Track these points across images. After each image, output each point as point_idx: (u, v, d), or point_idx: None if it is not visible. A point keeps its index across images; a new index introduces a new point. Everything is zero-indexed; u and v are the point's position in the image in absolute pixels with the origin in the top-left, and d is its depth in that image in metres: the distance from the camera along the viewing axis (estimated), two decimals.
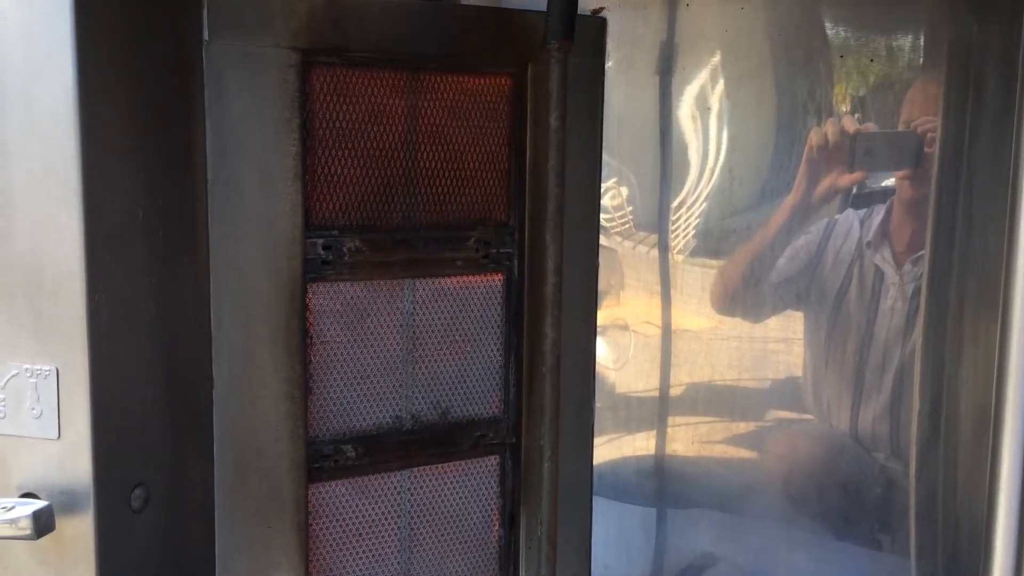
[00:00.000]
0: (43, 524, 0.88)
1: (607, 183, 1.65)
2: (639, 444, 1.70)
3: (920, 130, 1.47)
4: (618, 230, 1.69)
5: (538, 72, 1.15)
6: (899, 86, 1.49)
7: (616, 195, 1.68)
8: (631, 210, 1.68)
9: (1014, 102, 1.21)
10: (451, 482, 1.19)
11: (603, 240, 1.40)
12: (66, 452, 0.90)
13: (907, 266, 1.51)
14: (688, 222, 1.63)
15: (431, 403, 1.16)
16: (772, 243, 1.58)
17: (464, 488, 1.20)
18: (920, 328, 1.50)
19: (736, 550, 1.65)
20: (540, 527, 1.17)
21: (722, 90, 1.58)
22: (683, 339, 1.66)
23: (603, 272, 1.33)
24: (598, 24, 1.23)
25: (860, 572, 1.58)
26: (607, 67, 1.27)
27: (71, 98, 0.86)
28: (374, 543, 1.15)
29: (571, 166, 1.14)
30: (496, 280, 1.19)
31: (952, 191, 1.45)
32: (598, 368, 1.32)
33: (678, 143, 1.62)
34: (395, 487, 1.16)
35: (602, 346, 1.66)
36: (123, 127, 0.92)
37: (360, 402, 1.12)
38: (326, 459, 1.10)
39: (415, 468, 1.16)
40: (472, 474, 1.20)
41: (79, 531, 0.91)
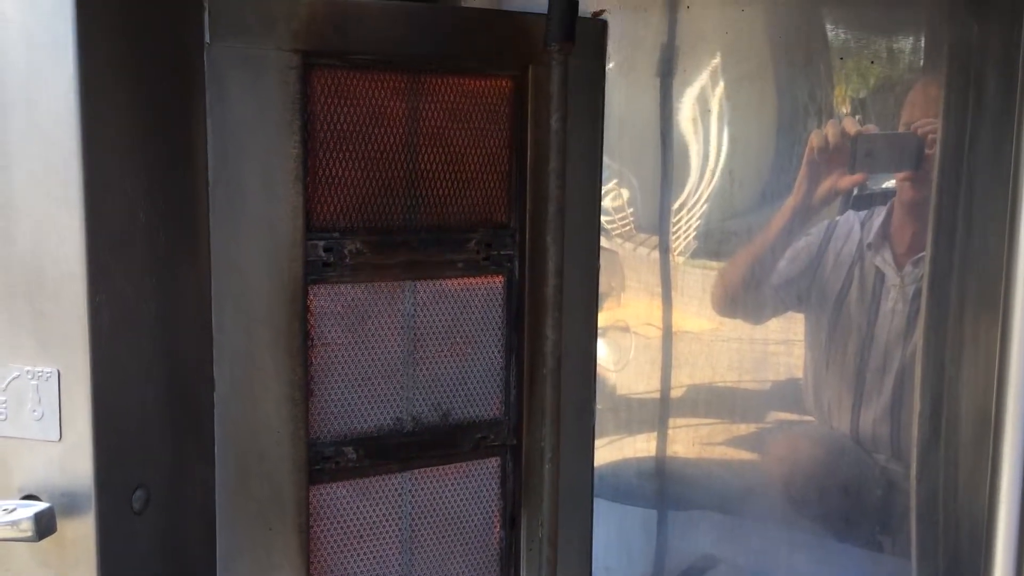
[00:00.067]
0: (44, 526, 0.88)
1: (608, 185, 1.65)
2: (640, 446, 1.70)
3: (920, 132, 1.47)
4: (619, 232, 1.69)
5: (539, 74, 1.15)
6: (899, 88, 1.49)
7: (617, 197, 1.68)
8: (632, 212, 1.68)
9: (1014, 103, 1.21)
10: (452, 484, 1.19)
11: (604, 242, 1.40)
12: (67, 454, 0.90)
13: (908, 268, 1.51)
14: (689, 224, 1.63)
15: (432, 405, 1.16)
16: (773, 245, 1.58)
17: (465, 490, 1.20)
18: (921, 330, 1.50)
19: (737, 552, 1.65)
20: (541, 529, 1.17)
21: (722, 92, 1.58)
22: (684, 341, 1.66)
23: (604, 274, 1.33)
24: (599, 26, 1.23)
25: (861, 574, 1.58)
26: (608, 69, 1.27)
27: (72, 99, 0.86)
28: (375, 545, 1.15)
29: (572, 168, 1.14)
30: (497, 282, 1.19)
31: (953, 193, 1.45)
32: (599, 370, 1.32)
33: (679, 145, 1.62)
34: (396, 489, 1.16)
35: (603, 348, 1.66)
36: (124, 128, 0.92)
37: (361, 404, 1.12)
38: (327, 461, 1.10)
39: (416, 470, 1.16)
40: (473, 476, 1.20)
41: (80, 533, 0.91)
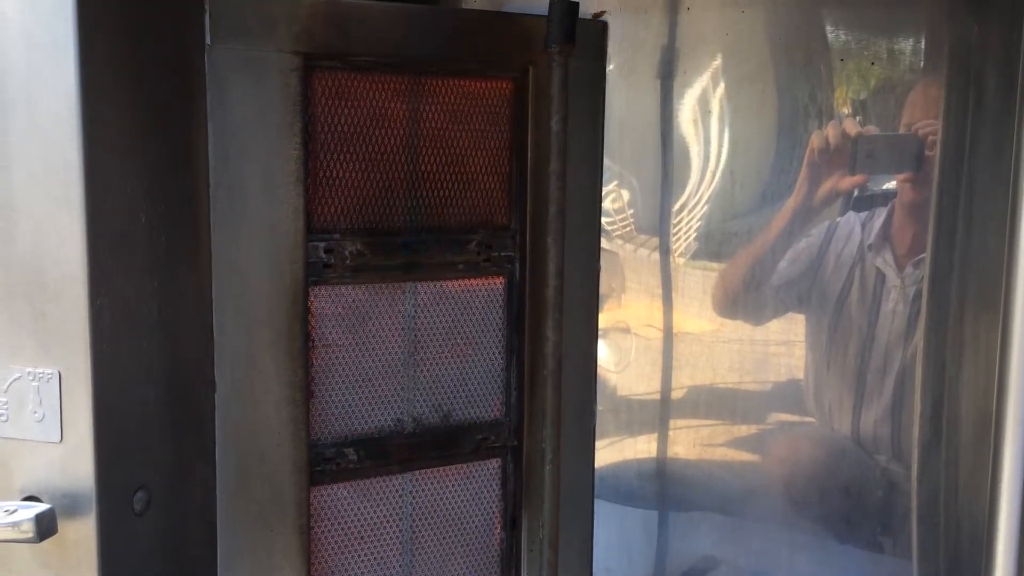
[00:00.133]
0: (45, 527, 0.88)
1: (608, 186, 1.66)
2: (640, 447, 1.70)
3: (921, 133, 1.47)
4: (619, 233, 1.69)
5: (539, 76, 1.15)
6: (900, 89, 1.49)
7: (617, 198, 1.68)
8: (632, 213, 1.68)
9: (1014, 104, 1.21)
10: (453, 485, 1.19)
11: (604, 243, 1.40)
12: (68, 455, 0.90)
13: (908, 269, 1.51)
14: (689, 225, 1.63)
15: (433, 406, 1.17)
16: (773, 246, 1.58)
17: (466, 491, 1.20)
18: (921, 330, 1.49)
19: (738, 553, 1.65)
20: (542, 530, 1.17)
21: (723, 93, 1.58)
22: (684, 342, 1.66)
23: (604, 275, 1.33)
24: (599, 28, 1.23)
25: (862, 575, 1.58)
26: (608, 71, 1.27)
27: (73, 101, 0.86)
28: (376, 546, 1.15)
29: (572, 169, 1.14)
30: (497, 283, 1.19)
31: (953, 193, 1.45)
32: (599, 371, 1.32)
33: (679, 146, 1.62)
34: (397, 490, 1.16)
35: (603, 349, 1.66)
36: (125, 130, 0.92)
37: (362, 405, 1.12)
38: (328, 462, 1.10)
39: (417, 471, 1.16)
40: (474, 477, 1.20)
41: (81, 534, 0.91)
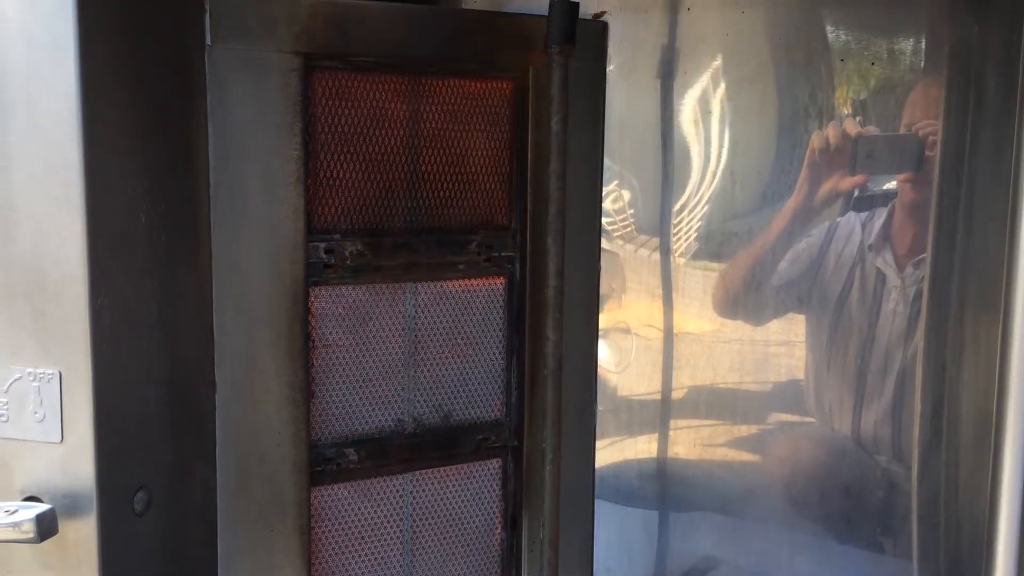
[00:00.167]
0: (46, 527, 0.88)
1: (609, 186, 1.65)
2: (641, 447, 1.70)
3: (921, 133, 1.47)
4: (620, 233, 1.69)
5: (539, 76, 1.15)
6: (900, 89, 1.49)
7: (618, 198, 1.68)
8: (632, 213, 1.68)
9: (1015, 104, 1.21)
10: (453, 485, 1.19)
11: (605, 243, 1.40)
12: (69, 455, 0.90)
13: (909, 269, 1.51)
14: (690, 225, 1.63)
15: (433, 406, 1.17)
16: (774, 246, 1.58)
17: (466, 491, 1.20)
18: (921, 331, 1.49)
19: (738, 553, 1.65)
20: (542, 530, 1.17)
21: (723, 94, 1.58)
22: (685, 342, 1.66)
23: (605, 275, 1.33)
24: (599, 28, 1.23)
25: (862, 575, 1.58)
26: (608, 71, 1.27)
27: (73, 101, 0.86)
28: (376, 546, 1.15)
29: (572, 170, 1.14)
30: (498, 283, 1.19)
31: (953, 194, 1.45)
32: (600, 371, 1.32)
33: (679, 147, 1.62)
34: (397, 490, 1.16)
35: (604, 349, 1.66)
36: (125, 129, 0.92)
37: (362, 405, 1.12)
38: (328, 462, 1.10)
39: (417, 471, 1.17)
40: (474, 477, 1.20)
41: (82, 534, 0.91)
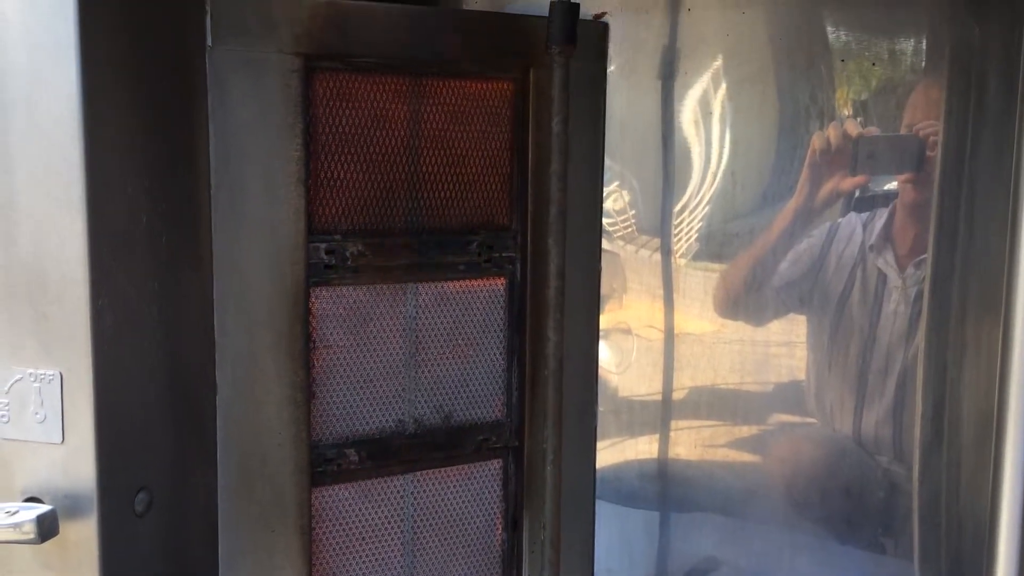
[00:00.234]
0: (47, 528, 0.88)
1: (609, 187, 1.65)
2: (642, 448, 1.70)
3: (922, 134, 1.47)
4: (620, 234, 1.69)
5: (540, 77, 1.15)
6: (901, 90, 1.49)
7: (618, 199, 1.68)
8: (633, 214, 1.68)
9: (1015, 105, 1.21)
10: (454, 486, 1.19)
11: (605, 244, 1.40)
12: (70, 456, 0.90)
13: (910, 269, 1.51)
14: (691, 226, 1.63)
15: (434, 407, 1.17)
16: (775, 247, 1.57)
17: (467, 492, 1.20)
18: (923, 331, 1.49)
19: (739, 554, 1.65)
20: (543, 531, 1.17)
21: (724, 94, 1.58)
22: (685, 343, 1.66)
23: (605, 276, 1.33)
24: (600, 29, 1.23)
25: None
26: (609, 71, 1.27)
27: (74, 101, 0.87)
28: (377, 547, 1.15)
29: (573, 170, 1.14)
30: (498, 284, 1.19)
31: (954, 194, 1.45)
32: (600, 372, 1.32)
33: (680, 147, 1.62)
34: (398, 491, 1.16)
35: (604, 350, 1.66)
36: (126, 131, 0.92)
37: (363, 406, 1.12)
38: (329, 463, 1.10)
39: (418, 472, 1.17)
40: (475, 478, 1.20)
41: (83, 535, 0.91)
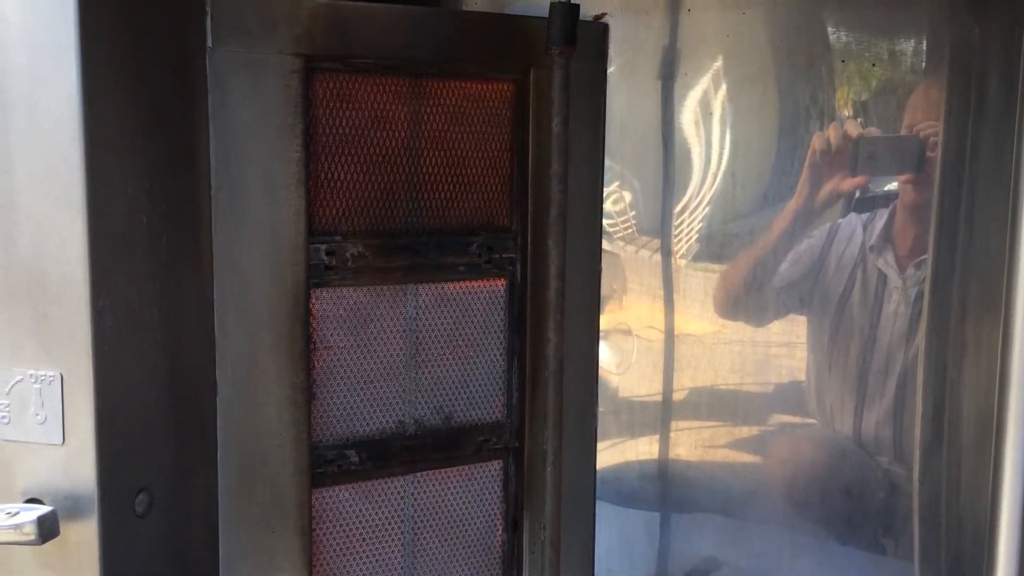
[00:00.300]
0: (47, 529, 0.88)
1: (610, 188, 1.65)
2: (642, 448, 1.70)
3: (922, 134, 1.47)
4: (621, 235, 1.69)
5: (540, 78, 1.15)
6: (901, 90, 1.49)
7: (619, 200, 1.68)
8: (634, 215, 1.68)
9: (1015, 105, 1.21)
10: (454, 487, 1.19)
11: (606, 245, 1.40)
12: (70, 457, 0.90)
13: (910, 270, 1.51)
14: (691, 226, 1.63)
15: (434, 408, 1.17)
16: (775, 247, 1.57)
17: (467, 493, 1.20)
18: (923, 332, 1.49)
19: (739, 554, 1.65)
20: (543, 531, 1.17)
21: (724, 95, 1.58)
22: (686, 343, 1.66)
23: (606, 276, 1.33)
24: (600, 30, 1.23)
25: None
26: (609, 72, 1.27)
27: (74, 102, 0.87)
28: (378, 548, 1.15)
29: (573, 171, 1.14)
30: (499, 285, 1.19)
31: (954, 195, 1.45)
32: (601, 372, 1.32)
33: (680, 148, 1.62)
34: (399, 492, 1.16)
35: (605, 350, 1.66)
36: (126, 131, 0.92)
37: (364, 407, 1.12)
38: (330, 464, 1.10)
39: (419, 473, 1.17)
40: (475, 479, 1.20)
41: (83, 536, 0.91)
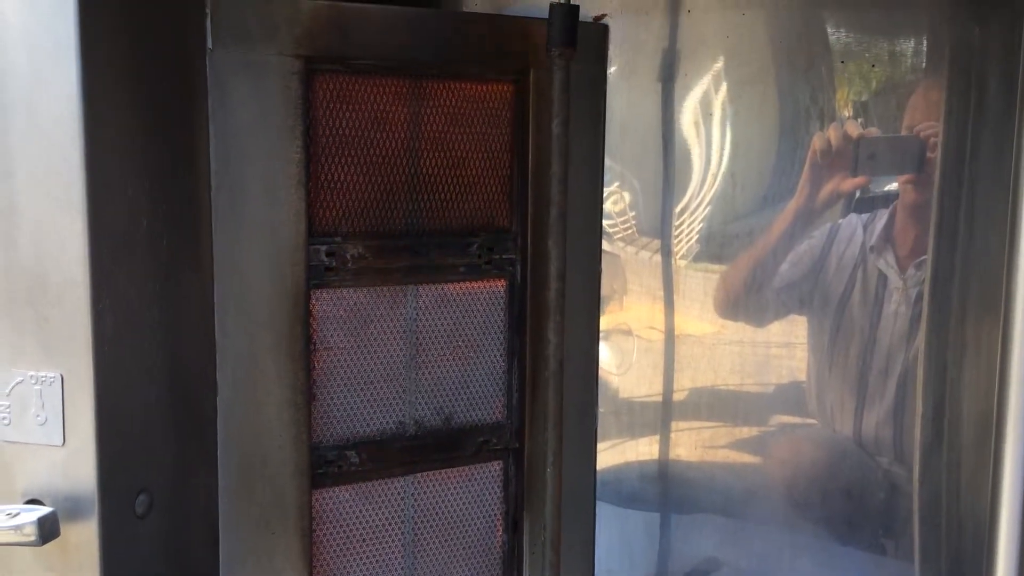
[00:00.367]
0: (48, 530, 0.88)
1: (610, 188, 1.65)
2: (642, 449, 1.70)
3: (923, 135, 1.47)
4: (621, 235, 1.69)
5: (540, 79, 1.15)
6: (901, 91, 1.49)
7: (619, 200, 1.68)
8: (634, 215, 1.68)
9: (1015, 106, 1.21)
10: (455, 488, 1.19)
11: (606, 245, 1.40)
12: (70, 458, 0.90)
13: (910, 270, 1.51)
14: (691, 227, 1.63)
15: (434, 409, 1.17)
16: (775, 248, 1.57)
17: (468, 493, 1.20)
18: (923, 332, 1.49)
19: (739, 555, 1.65)
20: (543, 532, 1.17)
21: (724, 96, 1.58)
22: (686, 344, 1.66)
23: (606, 277, 1.33)
24: (600, 31, 1.23)
25: None
26: (609, 73, 1.27)
27: (74, 103, 0.87)
28: (378, 549, 1.15)
29: (573, 172, 1.14)
30: (499, 286, 1.19)
31: (954, 195, 1.45)
32: (601, 373, 1.32)
33: (680, 149, 1.62)
34: (399, 493, 1.16)
35: (605, 351, 1.66)
36: (126, 132, 0.92)
37: (364, 408, 1.12)
38: (330, 465, 1.10)
39: (419, 474, 1.17)
40: (475, 479, 1.20)
41: (83, 537, 0.91)
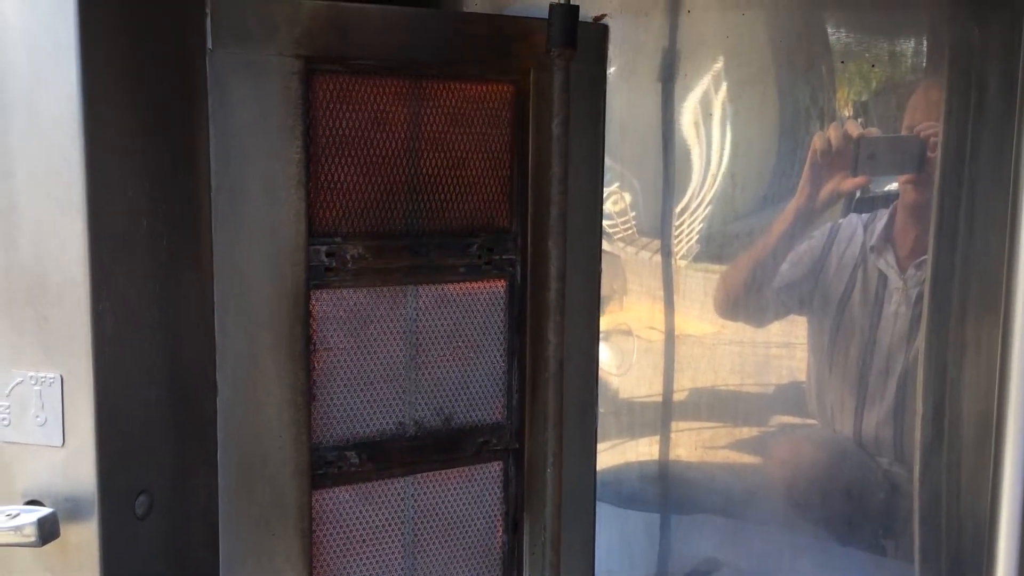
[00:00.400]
0: (47, 531, 0.88)
1: (610, 189, 1.65)
2: (642, 449, 1.70)
3: (923, 135, 1.47)
4: (621, 236, 1.69)
5: (540, 79, 1.15)
6: (901, 91, 1.49)
7: (619, 201, 1.68)
8: (634, 215, 1.68)
9: (1015, 106, 1.21)
10: (455, 488, 1.19)
11: (606, 245, 1.40)
12: (70, 459, 0.90)
13: (911, 270, 1.51)
14: (691, 227, 1.63)
15: (434, 409, 1.17)
16: (775, 248, 1.57)
17: (468, 494, 1.20)
18: (923, 332, 1.49)
19: (739, 555, 1.65)
20: (544, 533, 1.17)
21: (724, 96, 1.58)
22: (686, 344, 1.66)
23: (606, 277, 1.33)
24: (600, 31, 1.23)
25: None
26: (609, 73, 1.27)
27: (74, 103, 0.87)
28: (378, 549, 1.15)
29: (573, 172, 1.14)
30: (499, 286, 1.19)
31: (954, 195, 1.45)
32: (601, 373, 1.32)
33: (680, 149, 1.62)
34: (399, 493, 1.16)
35: (605, 351, 1.66)
36: (126, 132, 0.92)
37: (364, 408, 1.12)
38: (330, 465, 1.10)
39: (419, 474, 1.17)
40: (475, 480, 1.20)
41: (83, 538, 0.91)
